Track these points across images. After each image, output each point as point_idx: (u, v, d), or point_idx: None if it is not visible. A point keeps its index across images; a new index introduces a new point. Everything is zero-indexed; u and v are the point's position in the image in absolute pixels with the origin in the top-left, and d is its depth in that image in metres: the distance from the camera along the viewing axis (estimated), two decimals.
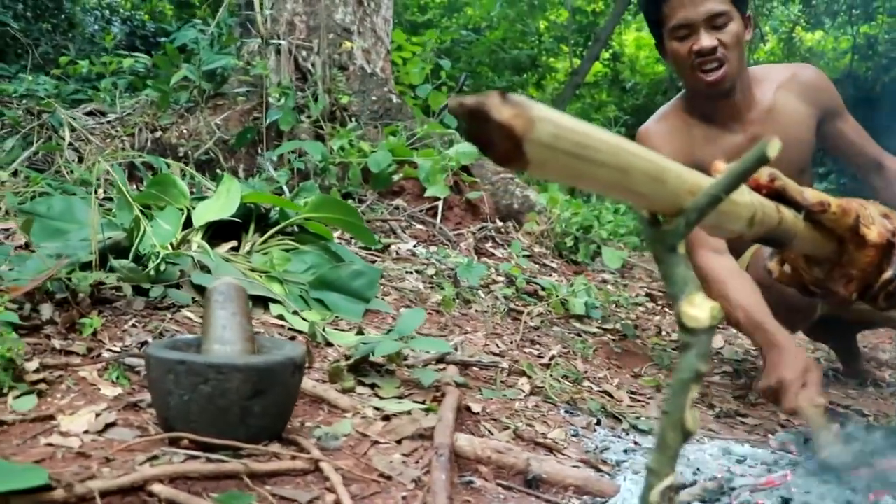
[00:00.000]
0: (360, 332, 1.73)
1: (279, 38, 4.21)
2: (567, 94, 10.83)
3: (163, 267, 1.77)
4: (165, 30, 7.49)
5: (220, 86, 4.10)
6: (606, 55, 12.46)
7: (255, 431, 1.18)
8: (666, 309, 3.45)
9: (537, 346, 2.37)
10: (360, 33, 4.71)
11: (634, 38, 14.19)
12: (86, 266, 1.79)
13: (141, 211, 1.83)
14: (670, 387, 0.86)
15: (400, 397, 1.56)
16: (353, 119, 4.17)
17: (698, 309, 0.82)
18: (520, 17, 11.55)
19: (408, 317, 1.65)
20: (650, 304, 3.47)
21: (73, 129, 3.24)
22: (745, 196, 0.92)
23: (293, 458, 1.17)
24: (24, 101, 3.47)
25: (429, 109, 4.75)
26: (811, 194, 1.10)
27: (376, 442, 1.33)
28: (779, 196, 1.06)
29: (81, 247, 1.84)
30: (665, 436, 0.85)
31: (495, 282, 3.01)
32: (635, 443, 1.74)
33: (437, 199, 3.66)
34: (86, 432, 1.25)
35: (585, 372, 2.24)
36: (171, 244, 2.10)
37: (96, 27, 7.21)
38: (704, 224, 0.86)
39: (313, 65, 4.27)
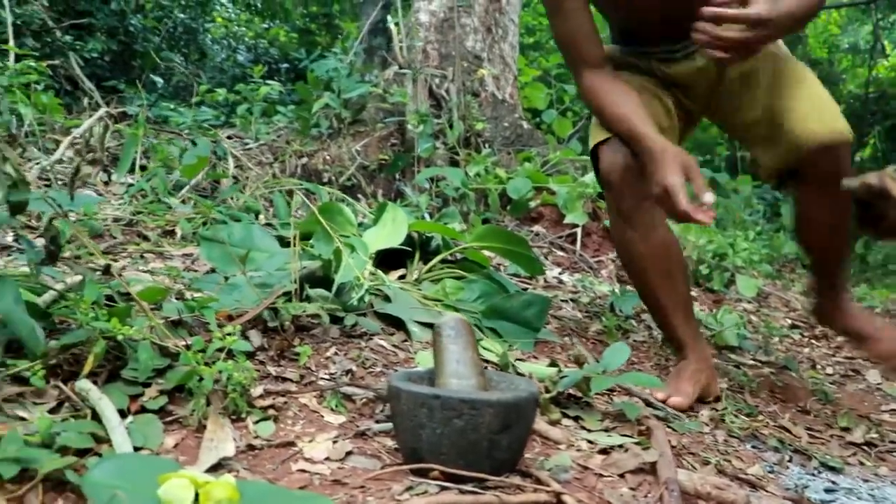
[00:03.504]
0: (554, 364, 1.77)
1: (416, 67, 4.31)
2: None
3: (367, 298, 1.84)
4: (287, 56, 7.76)
5: (359, 113, 4.23)
6: None
7: (498, 464, 1.23)
8: (813, 341, 3.38)
9: None
10: (489, 60, 4.79)
11: None
12: (285, 294, 1.87)
13: (340, 242, 1.91)
14: None
15: (605, 430, 1.59)
16: (487, 145, 4.24)
17: None
18: None
19: (613, 352, 1.68)
20: (796, 336, 3.41)
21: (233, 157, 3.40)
22: None
23: (535, 490, 1.20)
24: (188, 132, 3.66)
25: (553, 134, 4.79)
26: None
27: (600, 475, 1.36)
28: None
29: (281, 276, 1.93)
30: None
31: (644, 311, 3.00)
32: (832, 482, 1.72)
33: (576, 225, 3.68)
34: (327, 459, 1.32)
35: (757, 406, 2.23)
36: None
37: (223, 55, 7.52)
38: None
39: (447, 92, 4.36)
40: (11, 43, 3.82)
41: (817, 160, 1.86)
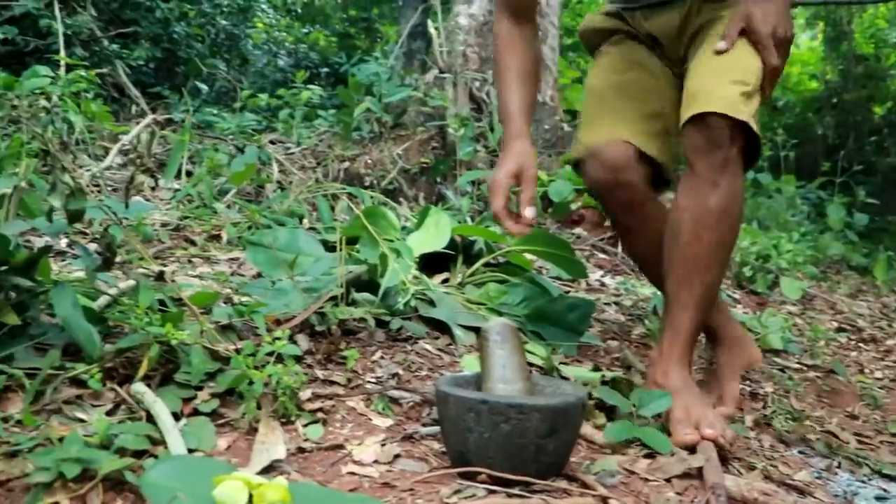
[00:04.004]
0: (597, 369, 1.77)
1: (456, 70, 4.33)
2: None
3: (413, 302, 1.86)
4: (327, 61, 7.83)
5: (400, 117, 4.26)
6: None
7: (545, 468, 1.24)
8: (861, 344, 3.33)
9: (748, 383, 2.34)
10: None
11: None
12: (332, 299, 1.90)
13: (386, 247, 1.94)
14: None
15: None
16: None
17: None
18: None
19: (651, 397, 1.60)
20: (843, 339, 3.36)
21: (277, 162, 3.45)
22: None
23: (582, 494, 1.21)
24: (231, 137, 3.72)
25: None
26: None
27: (646, 479, 1.36)
28: None
29: (327, 280, 1.96)
30: None
31: None
32: (883, 489, 1.70)
33: None
34: (376, 462, 1.34)
35: (803, 410, 2.20)
36: None
37: (264, 61, 7.61)
38: None
39: (487, 95, 4.38)
40: (62, 53, 3.92)
41: (688, 131, 1.69)
